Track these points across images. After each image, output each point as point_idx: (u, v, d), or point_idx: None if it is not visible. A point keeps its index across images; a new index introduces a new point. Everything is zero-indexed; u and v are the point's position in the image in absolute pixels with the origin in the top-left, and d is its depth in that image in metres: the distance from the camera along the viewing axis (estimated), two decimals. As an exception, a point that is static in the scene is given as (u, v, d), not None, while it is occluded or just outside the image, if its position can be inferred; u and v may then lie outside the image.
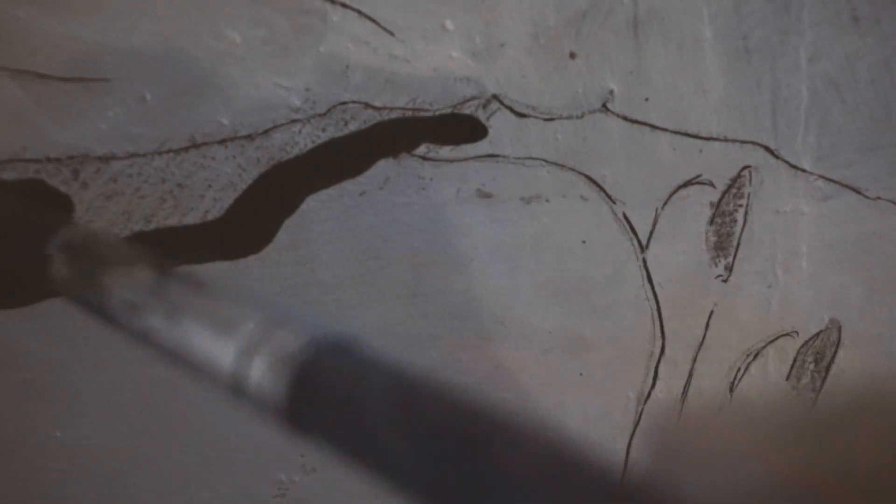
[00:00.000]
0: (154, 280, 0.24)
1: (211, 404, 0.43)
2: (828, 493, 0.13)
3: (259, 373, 0.20)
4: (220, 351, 0.21)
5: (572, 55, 0.39)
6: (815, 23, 0.41)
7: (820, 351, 0.51)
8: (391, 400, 0.18)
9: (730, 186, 0.44)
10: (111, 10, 0.32)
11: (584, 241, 0.43)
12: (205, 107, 0.35)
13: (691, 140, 0.42)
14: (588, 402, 0.49)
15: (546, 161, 0.41)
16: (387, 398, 0.18)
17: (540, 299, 0.44)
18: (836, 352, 0.51)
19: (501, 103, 0.39)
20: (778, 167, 0.44)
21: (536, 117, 0.39)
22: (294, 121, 0.36)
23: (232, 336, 0.21)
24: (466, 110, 0.39)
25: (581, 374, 0.48)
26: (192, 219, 0.37)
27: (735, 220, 0.45)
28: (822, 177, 0.45)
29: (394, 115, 0.38)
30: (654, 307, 0.47)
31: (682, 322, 0.48)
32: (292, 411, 0.20)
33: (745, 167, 0.44)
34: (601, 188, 0.42)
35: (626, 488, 0.14)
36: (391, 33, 0.36)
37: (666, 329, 0.47)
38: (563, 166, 0.41)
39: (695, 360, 0.49)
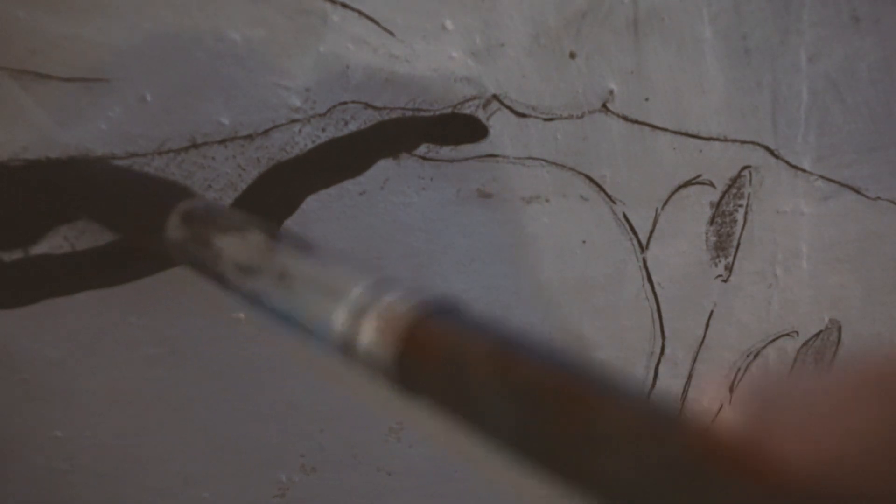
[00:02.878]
0: (265, 244, 0.25)
1: (211, 404, 0.43)
2: None
3: (368, 336, 0.21)
4: (329, 314, 0.22)
5: (572, 55, 0.39)
6: (815, 23, 0.41)
7: (820, 351, 0.51)
8: (493, 360, 0.18)
9: (730, 186, 0.44)
10: (111, 10, 0.32)
11: (584, 241, 0.43)
12: (205, 107, 0.35)
13: (691, 140, 0.42)
14: (588, 402, 0.49)
15: (546, 161, 0.41)
16: (488, 358, 0.18)
17: (540, 299, 0.44)
18: (836, 352, 0.51)
19: (501, 103, 0.39)
20: (778, 167, 0.44)
21: (536, 117, 0.39)
22: (294, 121, 0.36)
23: (341, 300, 0.22)
24: (466, 110, 0.39)
25: (581, 374, 0.48)
26: (192, 219, 0.37)
27: (735, 220, 0.45)
28: (822, 177, 0.45)
29: (394, 115, 0.38)
30: (654, 307, 0.47)
31: (682, 322, 0.48)
32: (400, 373, 0.20)
33: (745, 167, 0.44)
34: (601, 188, 0.42)
35: (722, 447, 0.14)
36: (391, 33, 0.36)
37: (666, 329, 0.47)
38: (563, 166, 0.41)
39: (695, 360, 0.49)
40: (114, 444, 0.42)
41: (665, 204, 0.43)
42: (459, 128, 0.39)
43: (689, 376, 0.50)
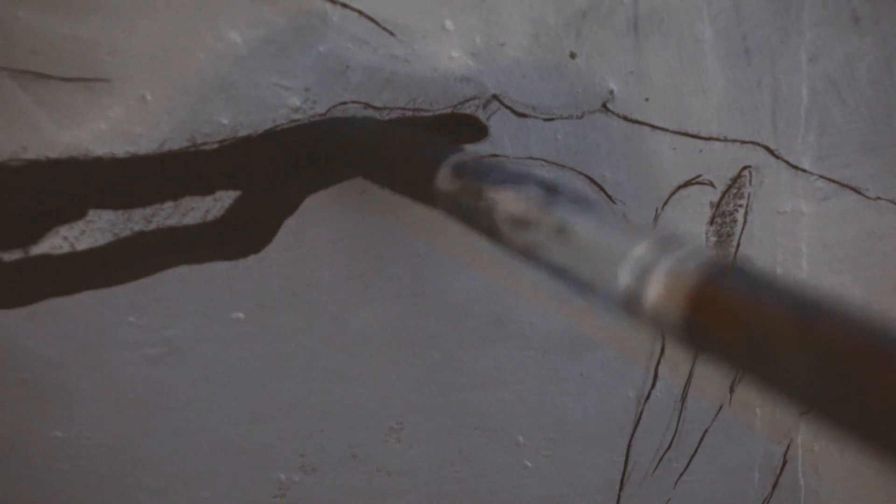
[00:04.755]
0: (541, 198, 0.25)
1: (211, 404, 0.43)
2: None
3: (655, 293, 0.21)
4: (613, 271, 0.22)
5: (572, 55, 0.39)
6: (815, 23, 0.41)
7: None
8: (790, 318, 0.18)
9: (730, 186, 0.44)
10: (111, 10, 0.32)
11: (584, 241, 0.43)
12: (205, 107, 0.35)
13: (691, 140, 0.42)
14: (588, 402, 0.49)
15: (546, 161, 0.41)
16: (786, 318, 0.18)
17: (540, 299, 0.44)
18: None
19: (501, 103, 0.39)
20: (778, 167, 0.44)
21: (536, 117, 0.39)
22: (294, 121, 0.36)
23: (625, 256, 0.22)
24: (466, 110, 0.39)
25: (581, 375, 0.48)
26: (192, 219, 0.37)
27: (735, 220, 0.45)
28: (822, 177, 0.45)
29: (394, 115, 0.38)
30: (654, 307, 0.47)
31: (682, 322, 0.48)
32: (687, 329, 0.20)
33: (745, 167, 0.44)
34: (601, 188, 0.42)
35: None
36: (391, 33, 0.36)
37: (666, 329, 0.47)
38: (563, 166, 0.41)
39: (695, 360, 0.49)
40: (114, 444, 0.42)
41: (665, 204, 0.43)
42: (460, 128, 0.39)
43: (690, 376, 0.50)
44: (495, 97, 0.39)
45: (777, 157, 0.44)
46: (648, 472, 0.53)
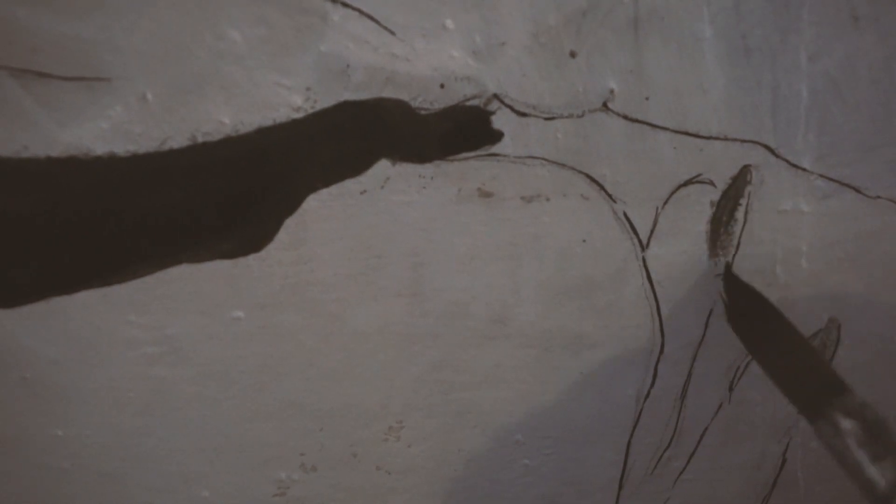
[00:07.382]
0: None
1: (211, 403, 0.43)
2: None
3: None
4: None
5: (573, 54, 0.39)
6: (814, 22, 0.41)
7: (819, 350, 0.51)
8: None
9: (730, 185, 0.44)
10: (112, 9, 0.32)
11: (584, 240, 0.43)
12: (205, 106, 0.35)
13: (691, 139, 0.42)
14: (588, 400, 0.49)
15: (546, 160, 0.41)
16: None
17: (540, 298, 0.44)
18: (835, 351, 0.51)
19: (502, 102, 0.39)
20: (778, 166, 0.44)
21: (537, 116, 0.39)
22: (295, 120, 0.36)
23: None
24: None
25: (581, 373, 0.48)
26: (193, 217, 0.37)
27: (735, 219, 0.45)
28: (822, 176, 0.45)
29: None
30: (654, 306, 0.47)
31: (682, 321, 0.48)
32: None
33: (745, 166, 0.44)
34: (601, 187, 0.42)
35: None
36: (392, 32, 0.36)
37: (666, 328, 0.48)
38: (563, 165, 0.41)
39: (694, 358, 0.49)
40: (114, 442, 0.42)
41: (665, 203, 0.44)
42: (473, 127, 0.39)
43: (689, 375, 0.50)
44: (496, 96, 0.39)
45: (777, 155, 0.44)
46: (648, 470, 0.53)
